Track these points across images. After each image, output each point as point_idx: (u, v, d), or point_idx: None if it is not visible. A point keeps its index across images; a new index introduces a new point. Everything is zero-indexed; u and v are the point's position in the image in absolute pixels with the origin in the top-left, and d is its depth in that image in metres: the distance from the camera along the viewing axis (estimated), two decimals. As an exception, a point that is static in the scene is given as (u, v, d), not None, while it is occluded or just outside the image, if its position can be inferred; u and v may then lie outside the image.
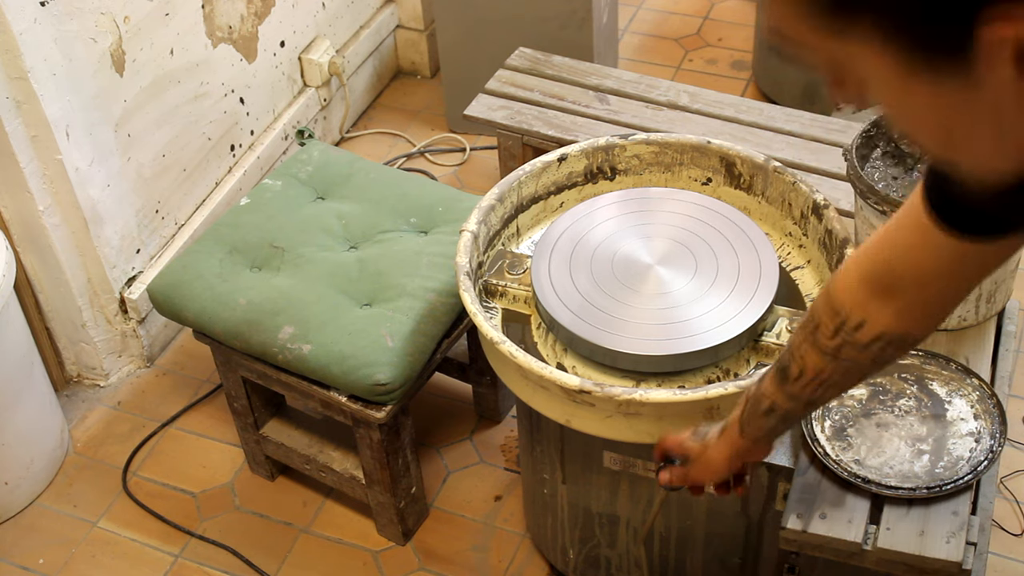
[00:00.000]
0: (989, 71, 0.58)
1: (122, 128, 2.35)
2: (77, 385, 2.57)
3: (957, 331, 1.76)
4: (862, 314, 1.07)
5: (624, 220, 1.82)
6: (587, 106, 2.48)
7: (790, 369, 1.17)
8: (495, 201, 1.84)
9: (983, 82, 0.59)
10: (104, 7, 2.22)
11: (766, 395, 1.23)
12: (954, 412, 1.64)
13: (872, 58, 0.61)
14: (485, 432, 2.41)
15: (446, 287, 2.02)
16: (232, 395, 2.21)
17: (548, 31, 2.83)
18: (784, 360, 1.18)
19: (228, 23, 2.60)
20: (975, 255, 0.95)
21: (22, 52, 2.04)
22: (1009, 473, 2.20)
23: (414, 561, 2.20)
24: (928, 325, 1.07)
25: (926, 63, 0.60)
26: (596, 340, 1.65)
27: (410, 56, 3.33)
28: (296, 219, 2.18)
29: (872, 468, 1.58)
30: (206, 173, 2.66)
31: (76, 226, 2.32)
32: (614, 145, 1.92)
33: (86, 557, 2.25)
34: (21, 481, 2.31)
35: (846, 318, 1.09)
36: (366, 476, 2.12)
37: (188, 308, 2.08)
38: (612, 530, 1.91)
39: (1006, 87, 0.59)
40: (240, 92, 2.70)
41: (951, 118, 0.63)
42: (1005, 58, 0.57)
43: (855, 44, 0.61)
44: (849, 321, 1.09)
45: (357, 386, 1.93)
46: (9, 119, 2.11)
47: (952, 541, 1.50)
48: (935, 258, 0.97)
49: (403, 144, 3.13)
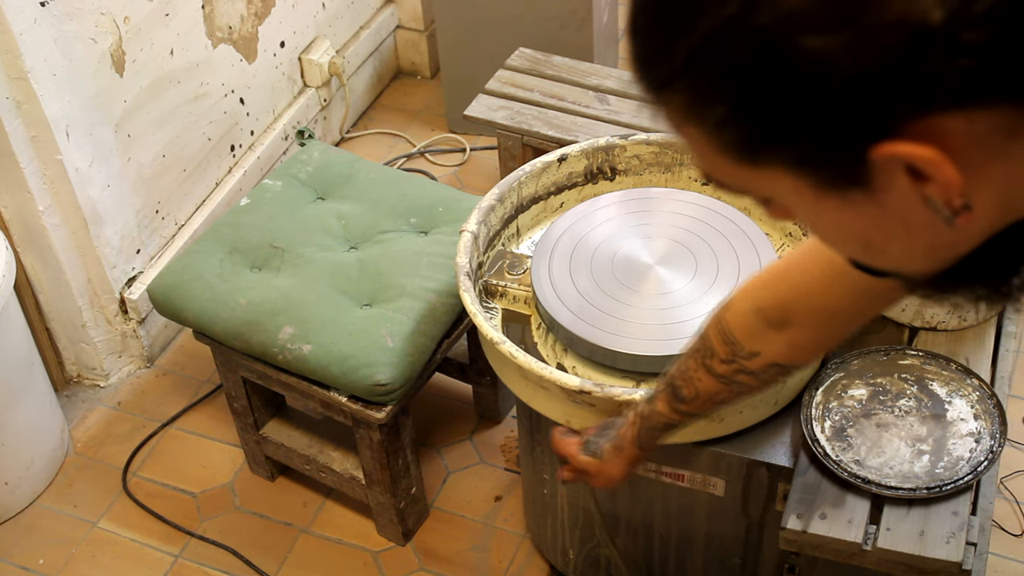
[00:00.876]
0: (888, 187, 0.62)
1: (122, 128, 2.35)
2: (77, 385, 2.57)
3: (957, 331, 1.76)
4: (756, 345, 1.13)
5: (624, 220, 1.82)
6: (587, 106, 2.48)
7: (683, 392, 1.23)
8: (495, 201, 1.84)
9: (886, 198, 0.63)
10: (104, 7, 2.22)
11: (661, 415, 1.29)
12: (954, 412, 1.64)
13: (786, 184, 0.65)
14: (485, 432, 2.41)
15: (446, 287, 2.02)
16: (232, 395, 2.21)
17: (548, 31, 2.83)
18: (676, 383, 1.24)
19: (228, 23, 2.60)
20: (882, 290, 0.98)
21: (22, 52, 2.04)
22: (1009, 473, 2.20)
23: (414, 561, 2.20)
24: (819, 355, 1.15)
25: (832, 187, 0.64)
26: (596, 340, 1.65)
27: (410, 56, 3.33)
28: (296, 219, 2.18)
29: (872, 468, 1.58)
30: (206, 173, 2.66)
31: (76, 226, 2.32)
32: (614, 145, 1.92)
33: (86, 557, 2.25)
34: (21, 481, 2.31)
35: (740, 347, 1.14)
36: (366, 476, 2.12)
37: (188, 308, 2.08)
38: (612, 530, 1.91)
39: (906, 198, 0.62)
40: (240, 92, 2.70)
41: (865, 230, 0.67)
42: (898, 173, 0.61)
43: (768, 173, 0.64)
44: (743, 350, 1.14)
45: (357, 386, 1.93)
46: (9, 119, 2.11)
47: (952, 541, 1.50)
48: (841, 294, 1.02)
49: (403, 144, 3.13)
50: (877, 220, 0.65)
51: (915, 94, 0.57)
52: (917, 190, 0.62)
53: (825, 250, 0.99)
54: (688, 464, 1.71)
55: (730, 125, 0.62)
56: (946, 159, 0.59)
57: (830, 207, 0.66)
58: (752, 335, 1.12)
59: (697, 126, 0.64)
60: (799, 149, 0.62)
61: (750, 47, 0.58)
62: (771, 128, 0.61)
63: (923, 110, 0.58)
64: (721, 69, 0.60)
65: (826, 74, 0.57)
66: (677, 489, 1.76)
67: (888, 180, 0.62)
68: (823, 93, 0.58)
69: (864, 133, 0.59)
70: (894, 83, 0.57)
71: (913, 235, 0.66)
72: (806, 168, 0.63)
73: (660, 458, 1.72)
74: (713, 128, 0.63)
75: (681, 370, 1.23)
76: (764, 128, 0.61)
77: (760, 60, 0.58)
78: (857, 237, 0.69)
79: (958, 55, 0.56)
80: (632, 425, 1.36)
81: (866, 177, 0.62)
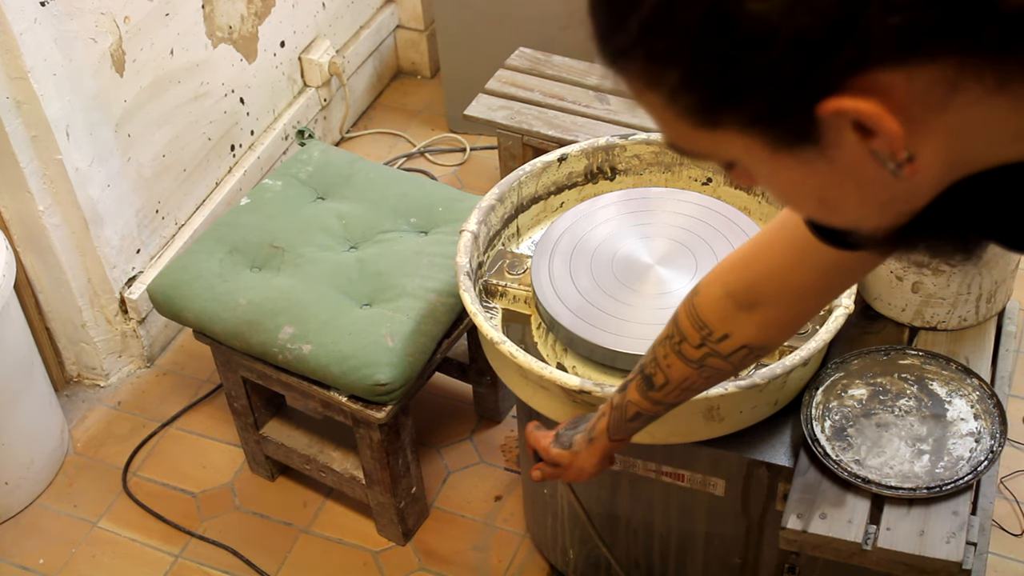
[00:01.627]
0: (836, 143, 0.65)
1: (122, 128, 2.35)
2: (77, 385, 2.57)
3: (957, 331, 1.76)
4: (727, 328, 1.15)
5: (624, 220, 1.82)
6: (587, 106, 2.48)
7: (655, 379, 1.25)
8: (495, 201, 1.84)
9: (835, 154, 0.66)
10: (104, 7, 2.22)
11: (632, 403, 1.30)
12: (954, 412, 1.64)
13: (741, 145, 0.68)
14: (485, 432, 2.41)
15: (446, 287, 2.02)
16: (232, 395, 2.21)
17: (548, 31, 2.83)
18: (648, 371, 1.25)
19: (228, 23, 2.60)
20: (850, 263, 1.01)
21: (22, 52, 2.04)
22: (1009, 473, 2.20)
23: (414, 561, 2.20)
24: (789, 335, 1.15)
25: (784, 146, 0.67)
26: (596, 340, 1.65)
27: (410, 56, 3.33)
28: (296, 219, 2.18)
29: (872, 468, 1.58)
30: (206, 173, 2.66)
31: (76, 226, 2.32)
32: (614, 145, 1.92)
33: (86, 557, 2.25)
34: (21, 481, 2.31)
35: (711, 331, 1.16)
36: (366, 476, 2.12)
37: (188, 308, 2.08)
38: (612, 530, 1.91)
39: (855, 154, 0.65)
40: (240, 92, 2.70)
41: (820, 188, 0.70)
42: (845, 128, 0.64)
43: (724, 135, 0.68)
44: (714, 334, 1.16)
45: (357, 386, 1.93)
46: (9, 119, 2.11)
47: (952, 541, 1.50)
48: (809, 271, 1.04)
49: (403, 144, 3.13)
50: (829, 176, 0.68)
51: (852, 52, 0.60)
52: (864, 145, 0.65)
53: (791, 230, 1.02)
54: (688, 464, 1.71)
55: (685, 89, 0.66)
56: (887, 112, 0.62)
57: (784, 166, 0.69)
58: (723, 318, 1.14)
59: (656, 93, 0.68)
60: (750, 109, 0.65)
61: (697, 13, 0.62)
62: (722, 90, 0.65)
63: (861, 67, 0.61)
64: (671, 36, 0.64)
65: (768, 35, 0.61)
66: (677, 489, 1.76)
67: (836, 136, 0.65)
68: (767, 53, 0.61)
69: (808, 91, 0.63)
70: (831, 42, 0.60)
71: (865, 190, 0.69)
72: (758, 127, 0.66)
73: (660, 458, 1.72)
74: (669, 94, 0.67)
75: (652, 358, 1.25)
76: (715, 90, 0.65)
77: (707, 25, 0.62)
78: (812, 194, 0.71)
79: (890, 12, 0.59)
80: (604, 415, 1.36)
81: (815, 134, 0.65)
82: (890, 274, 1.73)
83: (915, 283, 1.71)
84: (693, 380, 1.22)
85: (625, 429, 1.35)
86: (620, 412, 1.33)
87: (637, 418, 1.32)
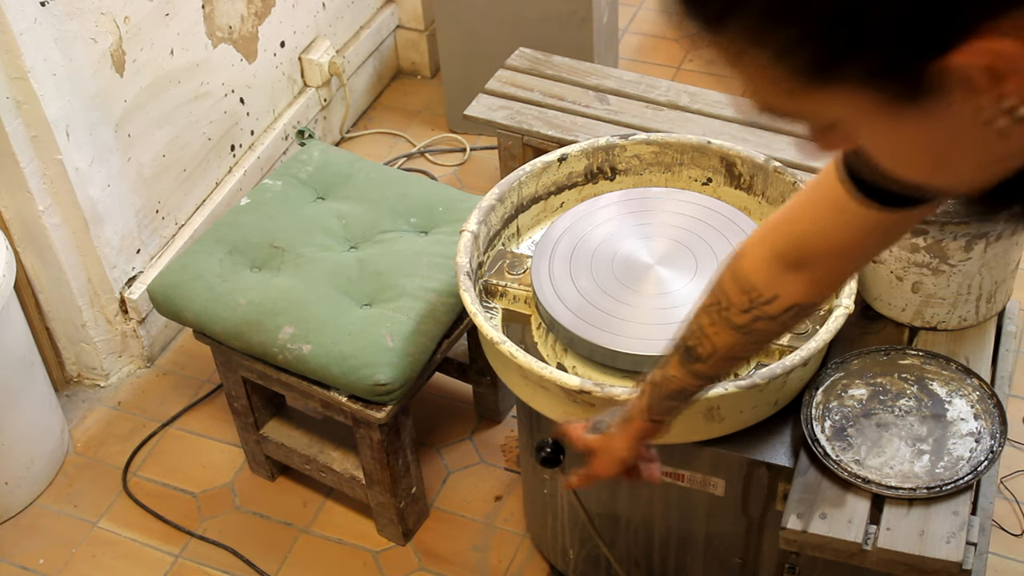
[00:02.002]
0: (967, 95, 0.61)
1: (122, 128, 2.35)
2: (77, 385, 2.57)
3: (957, 331, 1.76)
4: (775, 288, 1.13)
5: (624, 220, 1.82)
6: (587, 106, 2.48)
7: (698, 350, 1.22)
8: (495, 201, 1.84)
9: (964, 106, 0.62)
10: (104, 7, 2.22)
11: (674, 378, 1.27)
12: (954, 412, 1.64)
13: (856, 103, 0.64)
14: (485, 432, 2.41)
15: (446, 287, 2.02)
16: (232, 395, 2.21)
17: (548, 31, 2.83)
18: (690, 342, 1.23)
19: (228, 23, 2.60)
20: (892, 223, 1.01)
21: (22, 52, 2.04)
22: (1009, 473, 2.20)
23: (414, 561, 2.20)
24: (835, 291, 1.15)
25: (910, 99, 0.63)
26: (596, 340, 1.65)
27: (410, 56, 3.33)
28: (296, 219, 2.18)
29: (872, 468, 1.58)
30: (206, 173, 2.66)
31: (76, 226, 2.32)
32: (614, 145, 1.92)
33: (86, 557, 2.25)
34: (21, 481, 2.31)
35: (760, 293, 1.14)
36: (366, 476, 2.12)
37: (188, 308, 2.08)
38: (612, 530, 1.91)
39: (985, 106, 0.62)
40: (240, 92, 2.70)
41: (939, 146, 0.66)
42: (974, 77, 0.60)
43: (837, 95, 0.64)
44: (763, 296, 1.14)
45: (357, 386, 1.93)
46: (9, 119, 2.11)
47: (952, 541, 1.50)
48: (853, 231, 1.03)
49: (403, 144, 3.13)
50: (953, 135, 0.65)
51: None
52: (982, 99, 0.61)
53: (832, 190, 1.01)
54: (688, 464, 1.71)
55: (798, 45, 0.62)
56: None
57: (904, 125, 0.65)
58: (770, 279, 1.13)
59: (760, 52, 0.65)
60: (869, 63, 0.62)
61: None
62: (841, 44, 0.61)
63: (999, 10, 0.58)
64: None
65: None
66: (677, 489, 1.76)
67: (959, 90, 0.61)
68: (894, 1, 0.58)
69: (937, 39, 0.59)
70: None
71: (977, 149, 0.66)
72: (875, 83, 0.63)
73: (660, 458, 1.72)
74: (777, 52, 0.64)
75: (692, 330, 1.22)
76: (834, 45, 0.61)
77: None
78: (928, 156, 0.68)
79: None
80: (643, 395, 1.32)
81: (937, 87, 0.62)
82: (890, 274, 1.73)
83: (915, 283, 1.71)
84: (739, 347, 1.20)
85: (666, 408, 1.30)
86: (661, 390, 1.29)
87: (679, 395, 1.28)
